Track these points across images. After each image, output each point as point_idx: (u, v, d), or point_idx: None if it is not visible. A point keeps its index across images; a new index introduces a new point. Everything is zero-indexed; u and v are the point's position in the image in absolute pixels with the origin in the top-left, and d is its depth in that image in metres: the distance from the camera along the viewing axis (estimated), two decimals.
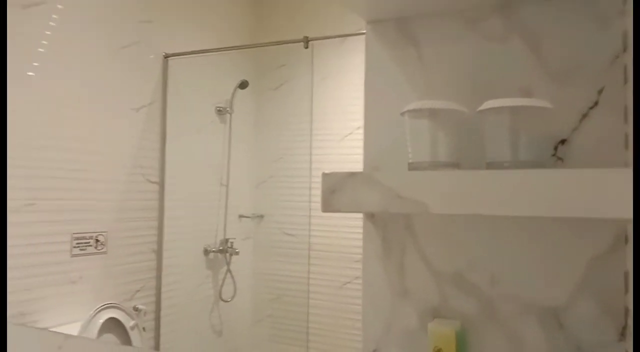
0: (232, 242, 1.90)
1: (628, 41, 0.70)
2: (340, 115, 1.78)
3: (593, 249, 0.72)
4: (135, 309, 1.62)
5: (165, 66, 1.75)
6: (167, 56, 1.74)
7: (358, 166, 0.88)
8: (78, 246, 1.48)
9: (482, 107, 0.70)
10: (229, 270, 1.90)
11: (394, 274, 0.83)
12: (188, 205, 1.84)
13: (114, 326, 1.53)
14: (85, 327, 1.45)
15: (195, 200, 1.87)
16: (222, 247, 1.90)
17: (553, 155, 0.75)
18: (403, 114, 0.75)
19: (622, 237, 0.70)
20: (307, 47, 1.68)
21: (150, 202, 1.71)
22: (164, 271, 1.73)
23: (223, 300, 1.88)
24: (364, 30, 0.88)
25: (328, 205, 0.68)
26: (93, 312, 1.47)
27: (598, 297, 0.71)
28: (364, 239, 0.85)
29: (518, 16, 0.78)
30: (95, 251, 1.53)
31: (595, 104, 0.73)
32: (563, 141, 0.75)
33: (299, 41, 1.67)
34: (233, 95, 1.92)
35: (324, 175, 0.68)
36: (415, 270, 0.82)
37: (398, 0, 0.79)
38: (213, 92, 1.92)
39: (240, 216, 1.94)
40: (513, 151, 0.69)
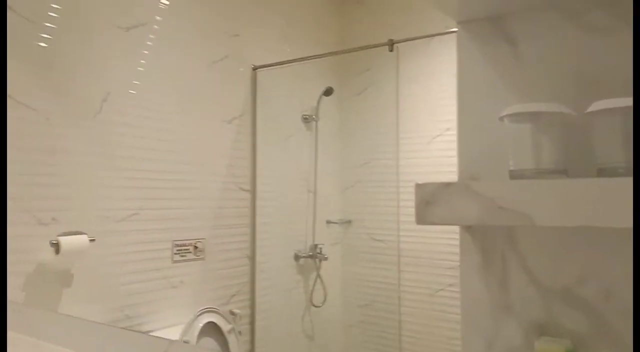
0: (320, 248, 1.92)
1: None
2: (428, 117, 1.74)
3: None
4: (231, 313, 1.68)
5: (254, 78, 1.80)
6: (255, 68, 1.80)
7: (448, 170, 0.84)
8: (178, 253, 1.57)
9: (591, 109, 0.64)
10: (319, 275, 1.91)
11: (496, 288, 0.78)
12: (278, 212, 1.88)
13: (212, 330, 1.59)
14: (187, 331, 1.52)
15: (285, 207, 1.91)
16: (311, 253, 1.92)
17: None
18: (501, 118, 0.70)
19: None
20: (392, 50, 1.65)
21: (243, 210, 1.77)
22: (257, 276, 1.78)
23: (314, 305, 1.90)
24: (453, 28, 0.84)
25: (422, 217, 0.65)
26: (193, 317, 1.55)
27: None
28: (461, 250, 0.81)
29: (624, 5, 0.71)
30: (194, 257, 1.60)
31: None
32: None
33: (384, 45, 1.65)
34: (318, 102, 1.94)
35: (417, 186, 0.66)
36: (519, 284, 0.77)
37: None
38: (299, 101, 1.95)
39: (328, 222, 1.95)
40: (628, 156, 0.63)
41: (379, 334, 1.82)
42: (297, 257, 1.91)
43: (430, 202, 0.65)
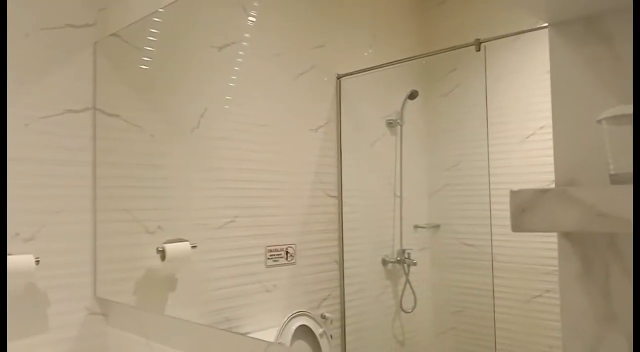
0: (409, 253, 1.90)
1: None
2: (519, 115, 1.67)
3: None
4: (323, 316, 1.72)
5: (338, 86, 1.84)
6: (339, 77, 1.83)
7: (542, 170, 0.82)
8: (271, 258, 1.63)
9: None
10: (408, 281, 1.90)
11: (598, 297, 0.75)
12: (365, 217, 1.89)
13: (304, 333, 1.64)
14: (281, 333, 1.58)
15: (371, 212, 1.92)
16: (399, 258, 1.91)
17: None
18: (600, 121, 0.68)
19: None
20: (479, 50, 1.61)
21: (331, 216, 1.81)
22: (346, 281, 1.80)
23: (404, 310, 1.89)
24: (543, 24, 0.82)
25: (518, 225, 0.64)
26: (286, 320, 1.60)
27: None
28: (560, 257, 0.78)
29: None
30: (286, 262, 1.66)
31: None
32: None
33: (470, 45, 1.62)
34: (403, 106, 1.93)
35: (512, 193, 0.65)
36: (624, 293, 0.73)
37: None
38: (383, 106, 1.95)
39: (416, 227, 1.93)
40: None
41: (473, 341, 1.78)
42: (385, 262, 1.91)
43: (526, 209, 0.64)
